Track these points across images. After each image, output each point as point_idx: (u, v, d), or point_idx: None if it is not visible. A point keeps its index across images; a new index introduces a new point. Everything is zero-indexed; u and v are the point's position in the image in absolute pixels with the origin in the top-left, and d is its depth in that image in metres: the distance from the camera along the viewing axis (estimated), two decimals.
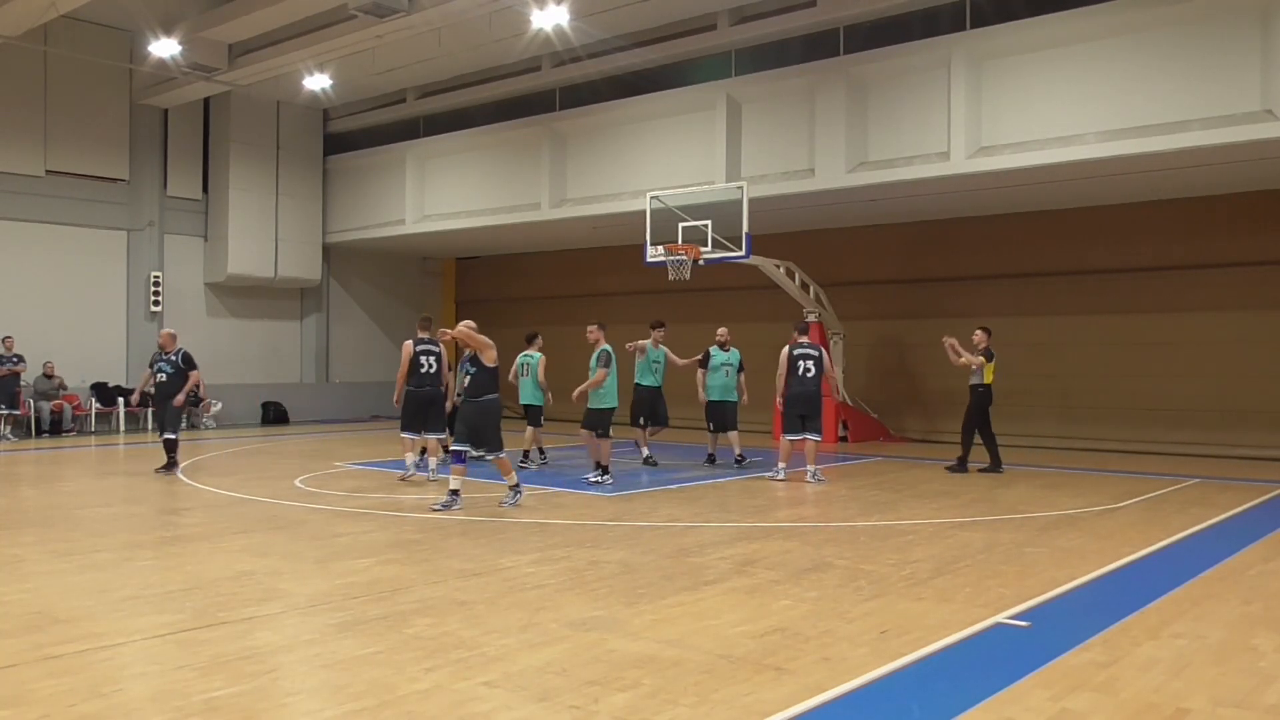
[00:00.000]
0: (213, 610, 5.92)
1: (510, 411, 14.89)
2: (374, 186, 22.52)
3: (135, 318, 20.86)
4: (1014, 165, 14.00)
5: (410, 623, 5.68)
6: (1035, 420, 17.72)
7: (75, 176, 20.02)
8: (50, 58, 19.11)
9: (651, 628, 5.60)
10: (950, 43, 14.52)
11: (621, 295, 22.29)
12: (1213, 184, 15.03)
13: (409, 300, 25.80)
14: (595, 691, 4.51)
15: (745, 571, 7.09)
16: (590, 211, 18.64)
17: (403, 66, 19.50)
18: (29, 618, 5.74)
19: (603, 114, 18.55)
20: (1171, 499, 11.02)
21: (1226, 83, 12.40)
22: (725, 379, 13.78)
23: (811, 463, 12.27)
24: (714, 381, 13.82)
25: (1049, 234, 17.54)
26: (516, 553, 7.73)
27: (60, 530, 8.77)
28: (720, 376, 13.78)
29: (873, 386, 19.43)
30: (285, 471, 13.11)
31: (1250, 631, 5.64)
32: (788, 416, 12.40)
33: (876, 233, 19.31)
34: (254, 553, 7.71)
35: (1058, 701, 4.42)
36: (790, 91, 16.22)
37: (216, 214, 21.81)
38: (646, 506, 10.22)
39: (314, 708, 4.34)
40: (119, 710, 4.26)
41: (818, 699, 4.44)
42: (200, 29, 17.36)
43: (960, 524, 9.20)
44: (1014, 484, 12.29)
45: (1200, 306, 16.30)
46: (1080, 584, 6.81)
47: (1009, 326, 18.12)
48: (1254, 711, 4.36)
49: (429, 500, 10.43)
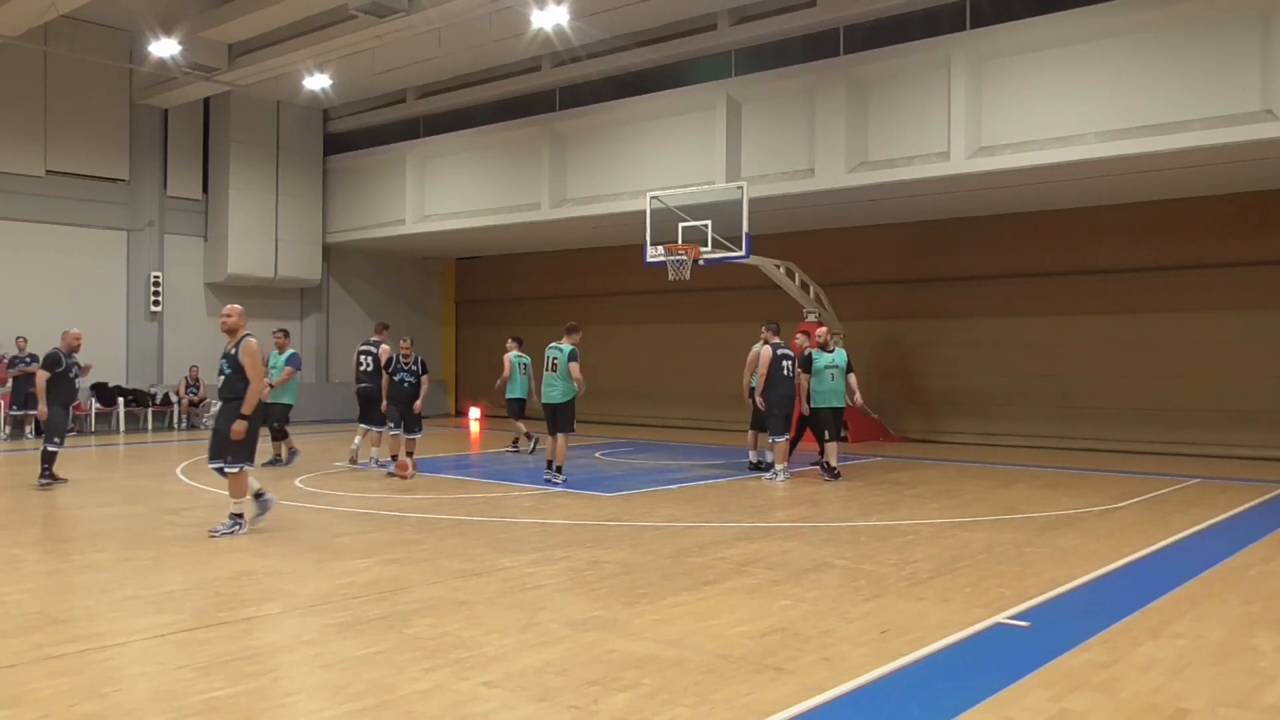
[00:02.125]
0: (213, 610, 5.92)
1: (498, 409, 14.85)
2: (374, 186, 22.52)
3: (135, 318, 20.86)
4: (1014, 165, 14.00)
5: (410, 623, 5.67)
6: (1035, 420, 17.73)
7: (75, 176, 20.03)
8: (50, 58, 19.11)
9: (651, 628, 5.60)
10: (950, 43, 14.52)
11: (621, 295, 22.30)
12: (1213, 184, 15.03)
13: (409, 300, 25.81)
14: (595, 691, 4.51)
15: (745, 571, 7.09)
16: (590, 211, 18.65)
17: (403, 66, 19.51)
18: (29, 618, 5.74)
19: (603, 114, 18.56)
20: (1171, 499, 11.01)
21: (1226, 83, 12.40)
22: (833, 383, 12.44)
23: (784, 462, 12.36)
24: (821, 386, 12.44)
25: (1049, 234, 17.54)
26: (516, 553, 7.73)
27: (60, 530, 8.77)
28: (827, 380, 12.44)
29: (873, 386, 19.38)
30: (285, 471, 13.10)
31: (1250, 631, 5.64)
32: (776, 417, 12.32)
33: (876, 233, 19.31)
34: (254, 553, 7.71)
35: (1058, 701, 4.42)
36: (790, 91, 16.22)
37: (216, 214, 21.81)
38: (646, 506, 10.22)
39: (314, 708, 4.34)
40: (119, 710, 4.26)
41: (818, 699, 4.44)
42: (200, 29, 17.37)
43: (960, 524, 9.19)
44: (1014, 484, 12.29)
45: (1200, 306, 16.29)
46: (1080, 584, 6.81)
47: (1009, 326, 18.15)
48: (1254, 711, 4.36)
49: (430, 500, 10.42)
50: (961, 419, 18.58)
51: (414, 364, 12.69)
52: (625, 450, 14.15)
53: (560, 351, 11.52)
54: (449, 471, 13.60)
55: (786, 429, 12.39)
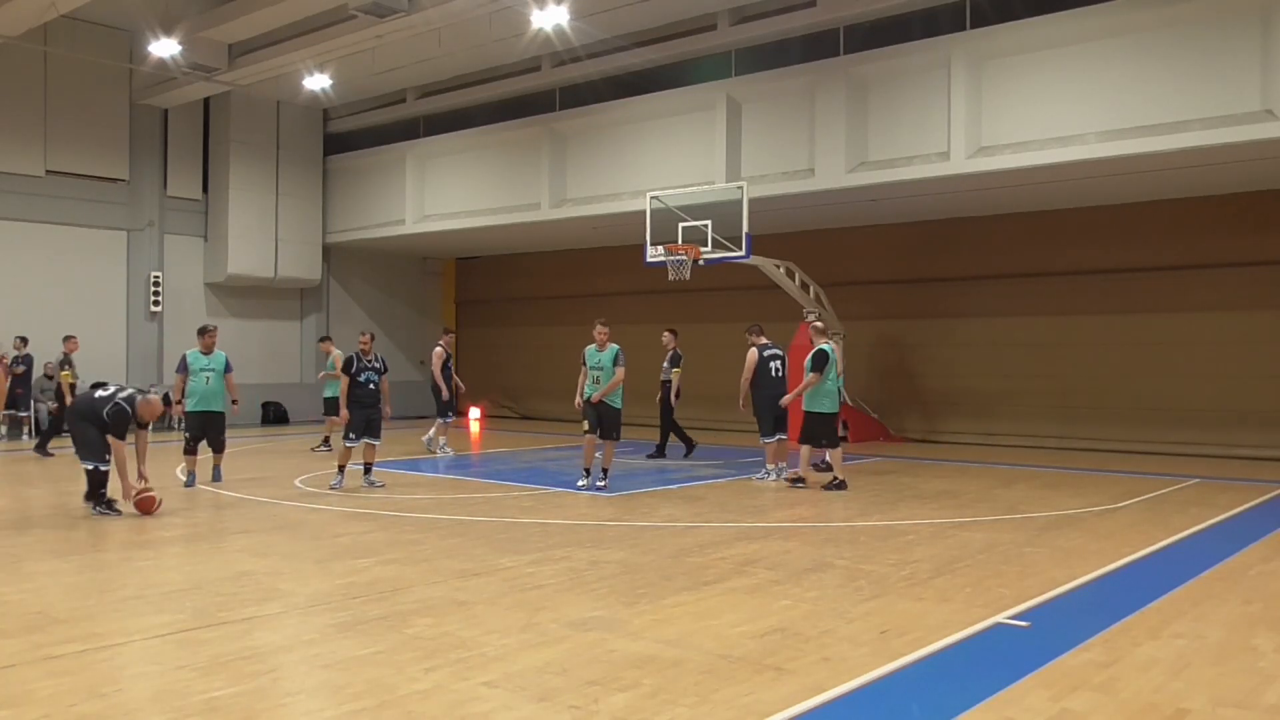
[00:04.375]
0: (213, 610, 5.92)
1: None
2: (374, 186, 22.52)
3: (135, 318, 20.85)
4: (1014, 165, 13.99)
5: (410, 623, 5.67)
6: (1035, 420, 17.73)
7: (75, 176, 20.01)
8: (50, 58, 19.11)
9: (651, 628, 5.60)
10: (950, 43, 14.52)
11: (621, 295, 22.29)
12: (1213, 184, 15.03)
13: (409, 300, 25.80)
14: (595, 691, 4.51)
15: (745, 571, 7.09)
16: (590, 211, 18.64)
17: (403, 66, 19.50)
18: (29, 618, 5.74)
19: (603, 114, 18.55)
20: (1171, 499, 11.01)
21: (1226, 83, 12.40)
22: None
23: (777, 462, 12.34)
24: (832, 388, 11.66)
25: (1049, 234, 17.54)
26: (516, 553, 7.73)
27: (60, 530, 8.77)
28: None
29: (873, 386, 19.43)
30: (285, 471, 13.11)
31: (1250, 631, 5.64)
32: (767, 419, 12.27)
33: (876, 233, 19.31)
34: (254, 553, 7.71)
35: (1058, 701, 4.42)
36: (790, 91, 16.21)
37: (216, 214, 21.81)
38: (646, 506, 10.22)
39: (314, 708, 4.34)
40: (119, 710, 4.26)
41: (818, 699, 4.44)
42: (200, 29, 17.36)
43: (960, 524, 9.19)
44: (1014, 484, 12.29)
45: (1200, 306, 16.29)
46: (1080, 584, 6.81)
47: (1009, 326, 18.15)
48: (1254, 711, 4.36)
49: (430, 500, 10.42)
50: (961, 419, 18.58)
51: (376, 361, 11.51)
52: (625, 450, 14.15)
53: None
54: (449, 471, 13.60)
55: (775, 430, 12.32)
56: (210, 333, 11.93)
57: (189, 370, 11.62)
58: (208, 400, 11.64)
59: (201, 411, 11.65)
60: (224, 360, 11.81)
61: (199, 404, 11.61)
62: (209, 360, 11.68)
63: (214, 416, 11.73)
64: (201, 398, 11.60)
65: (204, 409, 11.64)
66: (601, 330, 11.26)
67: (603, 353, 11.15)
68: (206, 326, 12.13)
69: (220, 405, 11.75)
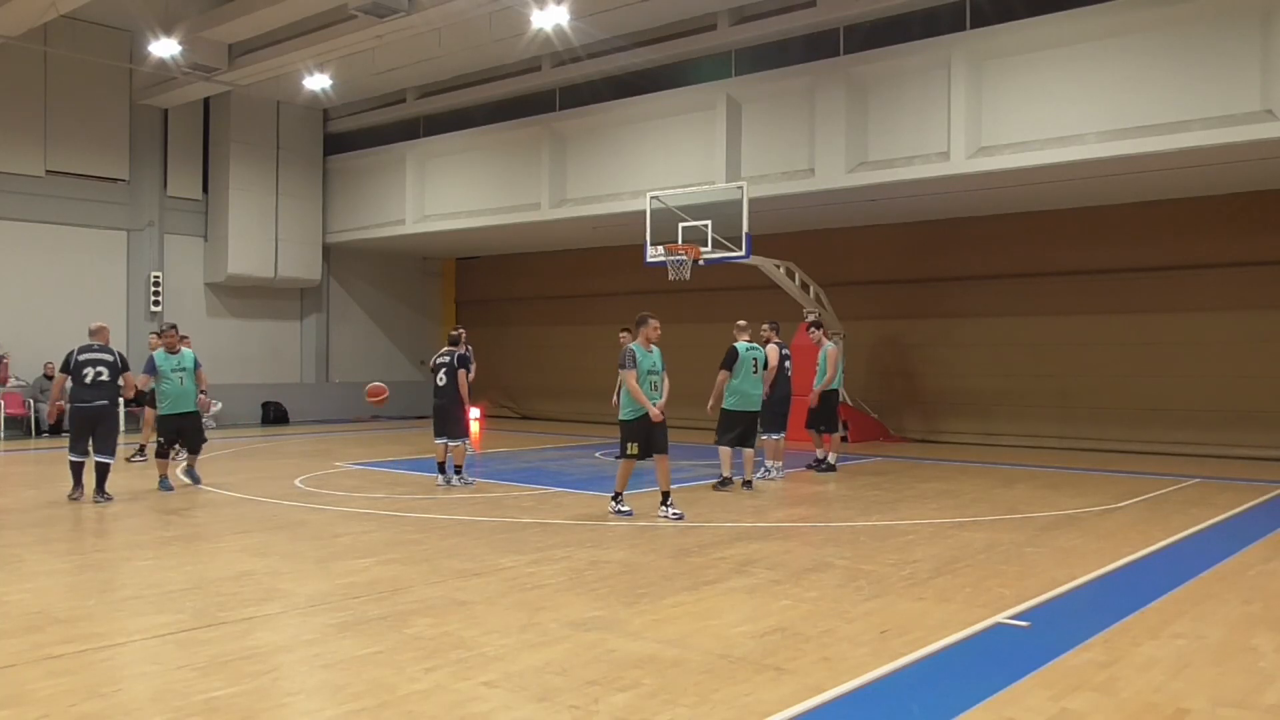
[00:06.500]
0: (213, 610, 5.92)
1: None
2: (374, 186, 22.52)
3: (135, 318, 20.85)
4: (1014, 165, 14.00)
5: (410, 623, 5.67)
6: (1035, 420, 17.73)
7: (75, 176, 20.02)
8: (50, 58, 19.11)
9: (651, 628, 5.60)
10: (950, 43, 14.52)
11: (622, 295, 22.28)
12: (1213, 184, 15.03)
13: (409, 300, 25.81)
14: (595, 691, 4.51)
15: (745, 571, 7.09)
16: (590, 211, 18.65)
17: (403, 66, 19.50)
18: (29, 618, 5.74)
19: (603, 114, 18.56)
20: (1171, 499, 11.02)
21: (1226, 83, 12.40)
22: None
23: (777, 459, 12.41)
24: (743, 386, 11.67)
25: (1049, 234, 17.54)
26: (516, 553, 7.73)
27: (60, 530, 8.77)
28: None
29: (873, 386, 19.43)
30: (285, 471, 13.11)
31: (1250, 631, 5.63)
32: (775, 416, 12.45)
33: (876, 233, 19.31)
34: (254, 553, 7.71)
35: (1058, 701, 4.42)
36: (790, 91, 16.21)
37: (216, 214, 21.81)
38: (647, 506, 10.21)
39: (314, 708, 4.34)
40: (119, 710, 4.26)
41: (818, 699, 4.44)
42: (200, 29, 17.36)
43: (960, 524, 9.19)
44: (1014, 484, 12.29)
45: (1200, 306, 16.30)
46: (1080, 584, 6.81)
47: (1009, 326, 18.15)
48: (1254, 711, 4.36)
49: (430, 500, 10.41)
50: (961, 419, 18.58)
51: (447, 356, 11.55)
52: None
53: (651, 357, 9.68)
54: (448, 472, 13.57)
55: (781, 427, 12.48)
56: (169, 333, 11.47)
57: (159, 373, 11.22)
58: (181, 401, 11.24)
59: (176, 414, 11.27)
60: (193, 358, 11.41)
61: (172, 406, 11.21)
62: (178, 360, 11.27)
63: (189, 417, 11.41)
64: (175, 399, 11.20)
65: (178, 410, 11.25)
66: (654, 327, 9.63)
67: (652, 354, 9.63)
68: (164, 327, 11.77)
69: (193, 405, 11.40)
